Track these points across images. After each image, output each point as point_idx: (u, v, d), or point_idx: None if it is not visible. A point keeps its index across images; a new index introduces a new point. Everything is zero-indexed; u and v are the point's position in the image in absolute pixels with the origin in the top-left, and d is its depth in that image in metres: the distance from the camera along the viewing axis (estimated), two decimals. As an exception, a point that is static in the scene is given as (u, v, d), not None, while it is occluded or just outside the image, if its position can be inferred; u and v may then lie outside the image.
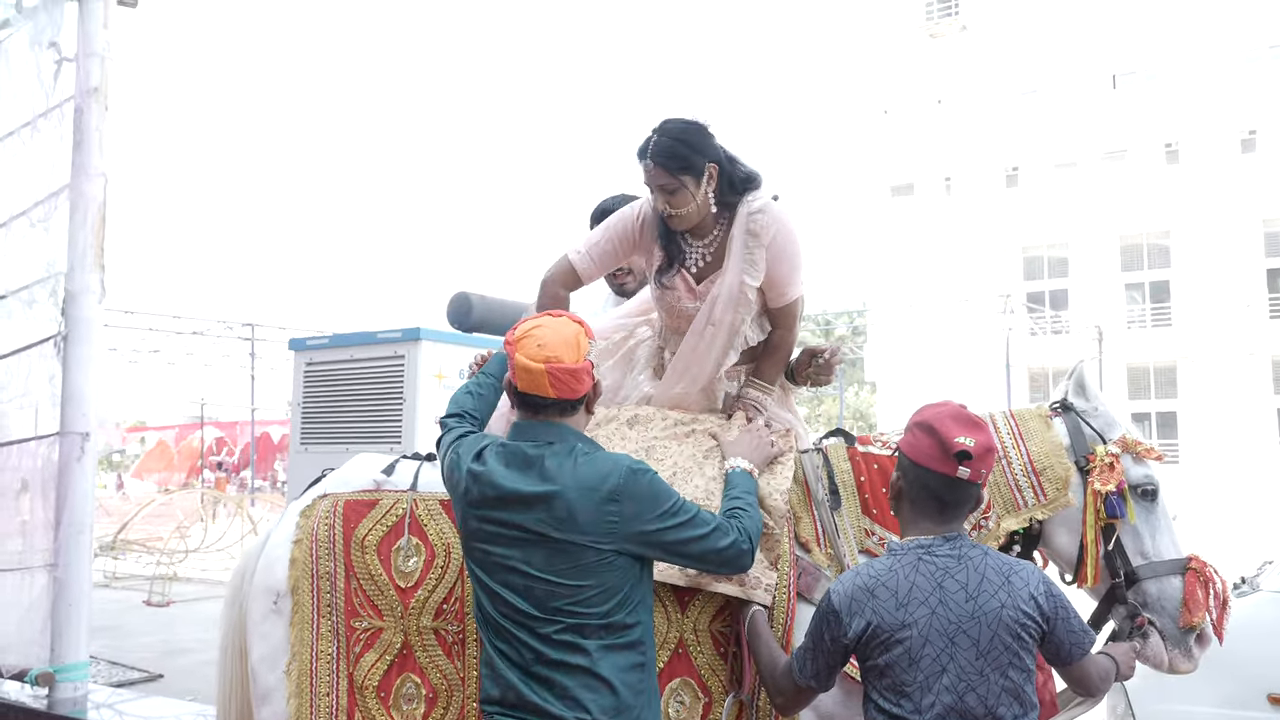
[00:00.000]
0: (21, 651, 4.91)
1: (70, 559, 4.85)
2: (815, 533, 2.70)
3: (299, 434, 6.61)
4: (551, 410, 2.30)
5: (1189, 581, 2.61)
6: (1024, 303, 30.49)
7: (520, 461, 2.26)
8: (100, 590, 13.37)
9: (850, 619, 2.16)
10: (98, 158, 5.01)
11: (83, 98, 5.01)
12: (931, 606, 2.13)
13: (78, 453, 4.87)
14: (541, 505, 2.20)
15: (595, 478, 2.21)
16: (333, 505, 2.82)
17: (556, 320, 2.35)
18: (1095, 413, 2.79)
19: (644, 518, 2.21)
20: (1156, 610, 2.63)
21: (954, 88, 32.88)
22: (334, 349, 6.57)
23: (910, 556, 2.20)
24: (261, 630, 2.78)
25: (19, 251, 5.05)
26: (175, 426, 43.54)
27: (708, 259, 2.87)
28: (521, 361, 2.26)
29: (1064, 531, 2.72)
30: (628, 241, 2.90)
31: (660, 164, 2.71)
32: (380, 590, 2.72)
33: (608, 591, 2.20)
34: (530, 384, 2.27)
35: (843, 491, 2.73)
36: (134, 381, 45.33)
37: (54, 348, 4.89)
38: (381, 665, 2.69)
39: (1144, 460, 2.72)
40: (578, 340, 2.30)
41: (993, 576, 2.16)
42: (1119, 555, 2.66)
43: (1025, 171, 31.95)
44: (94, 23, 5.07)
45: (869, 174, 34.32)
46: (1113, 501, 2.62)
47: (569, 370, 2.26)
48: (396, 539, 2.75)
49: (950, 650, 2.11)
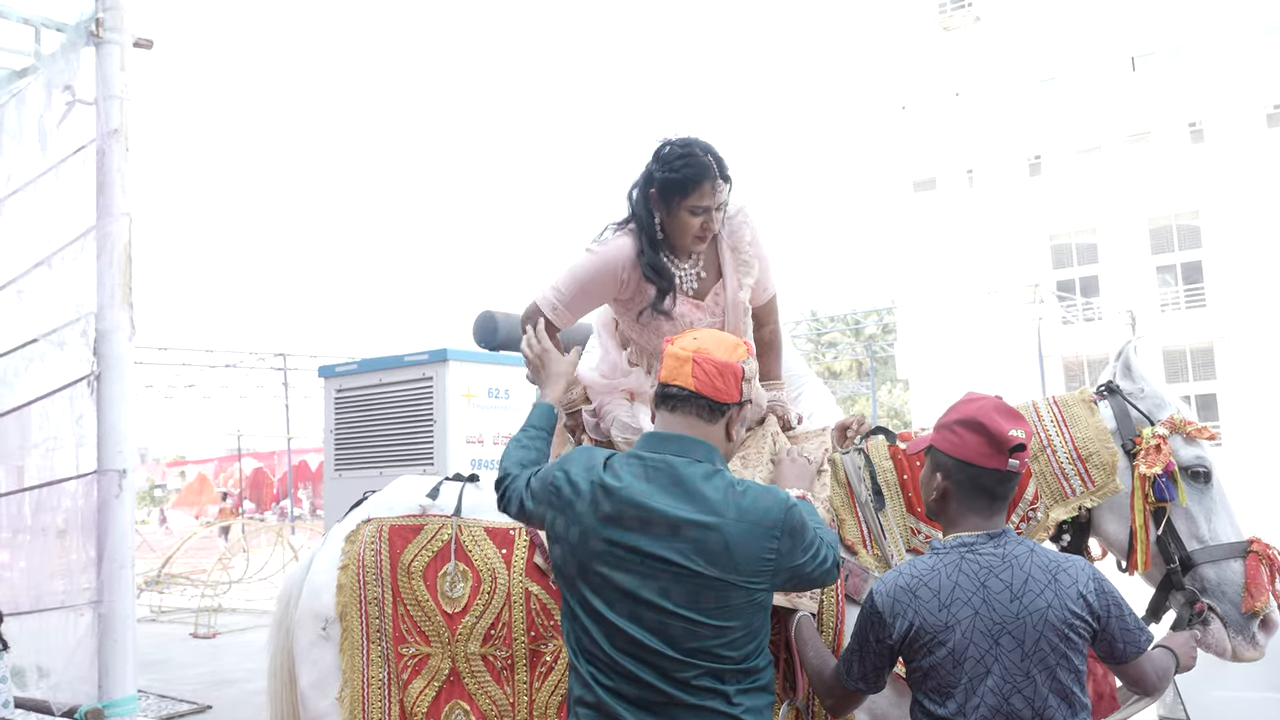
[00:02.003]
0: (71, 689, 4.96)
1: (113, 595, 4.89)
2: (861, 534, 2.67)
3: (332, 460, 6.65)
4: (688, 407, 2.13)
5: (1250, 565, 2.52)
6: (1054, 291, 30.21)
7: (666, 478, 2.08)
8: (147, 625, 13.54)
9: (893, 620, 2.13)
10: (121, 198, 5.07)
11: (104, 140, 5.06)
12: (975, 607, 2.08)
13: (116, 490, 4.92)
14: (693, 534, 2.02)
15: (758, 512, 2.05)
16: (378, 530, 2.83)
17: (719, 332, 2.31)
18: (1142, 394, 2.71)
19: (795, 553, 2.09)
20: (1217, 596, 2.55)
21: (971, 79, 32.69)
22: (363, 374, 6.62)
23: (953, 555, 2.15)
24: (311, 657, 2.79)
25: (48, 295, 5.11)
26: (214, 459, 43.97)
27: (701, 275, 2.87)
28: (671, 350, 2.16)
29: (1114, 518, 2.65)
30: (608, 290, 2.84)
31: (726, 179, 2.74)
32: (427, 616, 2.72)
33: (751, 634, 2.07)
34: (673, 372, 2.14)
35: (886, 491, 2.70)
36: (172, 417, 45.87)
37: (88, 387, 4.94)
38: (430, 692, 2.69)
39: (1195, 441, 2.64)
40: (735, 345, 2.20)
41: (1039, 575, 2.10)
42: (1172, 540, 2.58)
43: (1048, 159, 31.69)
44: (111, 66, 5.13)
45: (890, 170, 34.16)
46: (1161, 484, 2.54)
47: (716, 363, 2.12)
48: (443, 564, 2.74)
49: (995, 651, 2.06)
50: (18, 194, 5.36)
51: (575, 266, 2.82)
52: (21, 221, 5.25)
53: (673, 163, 2.72)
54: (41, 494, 5.13)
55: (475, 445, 6.27)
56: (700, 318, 2.85)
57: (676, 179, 2.70)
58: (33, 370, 5.16)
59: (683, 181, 2.70)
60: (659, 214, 2.77)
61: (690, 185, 2.70)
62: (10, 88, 5.49)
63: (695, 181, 2.70)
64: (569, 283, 2.82)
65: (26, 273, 5.30)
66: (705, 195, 2.71)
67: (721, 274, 2.87)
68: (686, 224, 2.74)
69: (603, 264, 2.79)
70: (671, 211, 2.74)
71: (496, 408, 6.34)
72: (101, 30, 5.11)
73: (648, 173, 2.78)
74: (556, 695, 2.62)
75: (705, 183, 2.70)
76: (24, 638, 5.20)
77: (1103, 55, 30.62)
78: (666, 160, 2.73)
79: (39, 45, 5.23)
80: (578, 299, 2.84)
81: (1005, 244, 31.08)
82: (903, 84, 33.86)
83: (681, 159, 2.71)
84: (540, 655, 2.66)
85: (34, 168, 5.25)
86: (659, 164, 2.75)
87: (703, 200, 2.71)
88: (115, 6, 5.18)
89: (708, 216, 2.74)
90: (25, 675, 5.24)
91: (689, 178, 2.70)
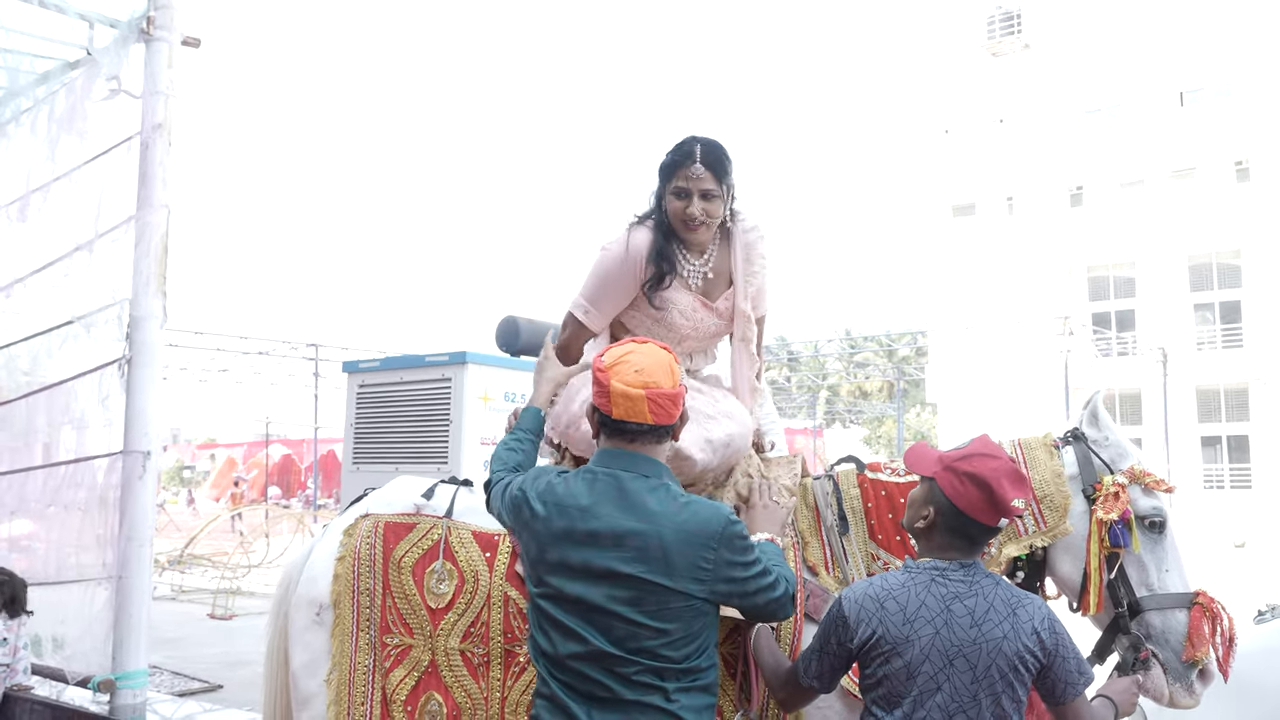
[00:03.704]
0: (85, 660, 5.14)
1: (131, 572, 5.06)
2: (824, 556, 2.79)
3: (351, 454, 6.82)
4: (647, 437, 2.28)
5: (1194, 616, 2.63)
6: (1089, 324, 29.99)
7: (615, 492, 2.24)
8: (167, 603, 13.80)
9: (857, 625, 2.25)
10: (161, 190, 5.25)
11: (148, 134, 5.25)
12: (936, 627, 2.20)
13: (139, 470, 5.09)
14: (635, 542, 2.18)
15: (696, 523, 2.20)
16: (374, 525, 2.98)
17: (645, 346, 2.35)
18: (1106, 442, 2.83)
19: (734, 566, 2.22)
20: (1160, 643, 2.65)
21: (1016, 106, 32.55)
22: (384, 371, 6.78)
23: (924, 576, 2.28)
24: (304, 640, 2.94)
25: (86, 279, 5.31)
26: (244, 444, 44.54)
27: (709, 276, 2.94)
28: (619, 388, 2.24)
29: (1068, 559, 2.76)
30: (629, 284, 2.90)
31: (710, 169, 2.80)
32: (413, 609, 2.86)
33: (690, 636, 2.21)
34: (629, 411, 2.25)
35: (851, 518, 2.82)
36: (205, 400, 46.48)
37: (118, 371, 5.13)
38: (410, 681, 2.83)
39: (1154, 492, 2.74)
40: (671, 366, 2.32)
41: (1000, 607, 2.23)
42: (1122, 585, 2.69)
43: (1090, 190, 31.49)
44: (159, 62, 5.31)
45: (930, 194, 34.06)
46: (1116, 531, 2.65)
47: (668, 395, 2.27)
48: (431, 562, 2.89)
49: (947, 671, 2.18)
50: (62, 180, 5.57)
51: (595, 266, 2.92)
52: (66, 207, 5.45)
53: (669, 150, 2.86)
54: (68, 470, 5.32)
55: (489, 447, 6.41)
56: (707, 317, 2.94)
57: (665, 162, 2.84)
58: (65, 350, 5.35)
59: (669, 164, 2.83)
60: (662, 199, 2.87)
61: (672, 167, 2.82)
62: (63, 78, 5.70)
63: (678, 164, 2.81)
64: (592, 283, 2.92)
65: (67, 255, 5.51)
66: (684, 177, 2.79)
67: (732, 281, 2.96)
68: (673, 207, 2.83)
69: (620, 258, 2.87)
70: (665, 195, 2.85)
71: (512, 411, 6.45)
72: (152, 28, 5.30)
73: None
74: (528, 694, 2.75)
75: (686, 164, 2.80)
76: (43, 608, 5.41)
77: (1151, 89, 30.40)
78: (668, 149, 2.87)
79: (92, 39, 5.42)
80: (603, 298, 2.91)
81: (1042, 273, 30.90)
82: (947, 108, 33.77)
83: (676, 144, 2.85)
84: (514, 655, 2.81)
85: (79, 156, 5.45)
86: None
87: (684, 182, 2.79)
88: (166, 5, 5.36)
89: (689, 201, 2.80)
90: (42, 644, 5.44)
91: (674, 160, 2.82)
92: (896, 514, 2.80)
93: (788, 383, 52.55)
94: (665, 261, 2.85)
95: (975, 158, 32.82)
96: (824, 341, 46.03)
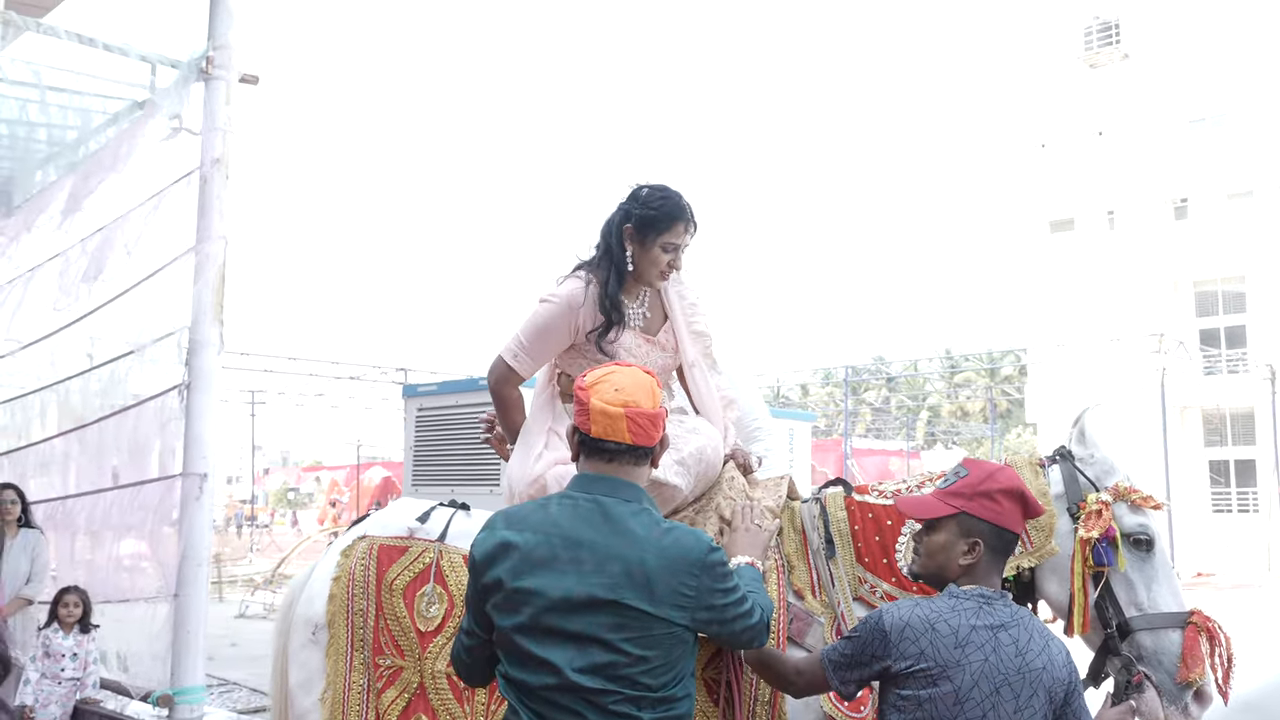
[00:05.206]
0: (147, 675, 5.36)
1: (189, 590, 5.25)
2: (810, 580, 2.77)
3: (410, 477, 6.95)
4: (625, 458, 2.26)
5: (1189, 635, 2.55)
6: (1196, 341, 28.88)
7: (597, 516, 2.20)
8: (258, 621, 14.23)
9: (901, 644, 2.22)
10: (219, 222, 5.47)
11: (206, 168, 5.49)
12: (986, 654, 2.18)
13: (196, 492, 5.29)
14: (617, 568, 2.14)
15: (678, 550, 2.17)
16: (369, 547, 3.05)
17: (627, 368, 2.35)
18: (1092, 460, 2.76)
19: (715, 594, 2.20)
20: (1153, 664, 2.58)
21: (1116, 118, 31.62)
22: (442, 395, 6.91)
23: (972, 603, 2.25)
24: (300, 658, 3.03)
25: (149, 309, 5.55)
26: (347, 466, 45.68)
27: (647, 315, 3.06)
28: (599, 406, 2.22)
29: (1055, 580, 2.71)
30: (564, 335, 3.00)
31: (696, 229, 3.00)
32: (404, 631, 2.92)
33: (669, 664, 2.17)
34: (608, 429, 2.22)
35: (838, 540, 2.79)
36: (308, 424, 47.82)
37: (178, 396, 5.35)
38: (400, 702, 2.89)
39: (1141, 509, 2.67)
40: (652, 389, 2.30)
41: (1038, 638, 2.24)
42: (1110, 605, 2.63)
43: (1195, 203, 30.38)
44: (218, 100, 5.55)
45: (1027, 210, 33.28)
46: (1100, 549, 2.59)
47: (648, 415, 2.24)
48: (422, 585, 2.94)
49: (994, 699, 2.16)
50: (131, 214, 5.85)
51: (534, 315, 3.01)
52: (130, 239, 5.72)
53: (651, 201, 2.94)
54: (133, 492, 5.56)
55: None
56: (652, 351, 3.04)
57: (655, 215, 2.93)
58: (131, 378, 5.60)
59: (661, 218, 2.93)
60: (632, 248, 2.96)
61: (666, 222, 2.93)
62: (131, 117, 6.00)
63: (672, 218, 2.93)
64: (529, 332, 3.02)
65: (135, 285, 5.77)
66: (678, 234, 2.94)
67: (667, 315, 3.11)
68: (656, 259, 2.95)
69: (558, 310, 2.98)
70: (646, 246, 2.94)
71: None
72: (211, 67, 5.55)
73: (624, 210, 2.99)
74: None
75: (680, 222, 2.94)
76: (108, 625, 5.65)
77: (1257, 95, 29.24)
78: (645, 200, 2.95)
79: (155, 80, 5.70)
80: (537, 348, 3.02)
81: (1146, 289, 29.89)
82: (1043, 122, 33.01)
83: (661, 198, 2.94)
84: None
85: (144, 190, 5.72)
86: (637, 203, 2.96)
87: (675, 238, 2.94)
88: (225, 45, 5.62)
89: (676, 255, 2.96)
90: (108, 659, 5.68)
91: (668, 213, 2.93)
92: (884, 537, 2.76)
93: (886, 404, 51.73)
94: (616, 311, 2.96)
95: (1073, 172, 31.96)
96: (923, 361, 45.18)
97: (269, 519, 46.89)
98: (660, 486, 2.71)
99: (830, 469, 25.67)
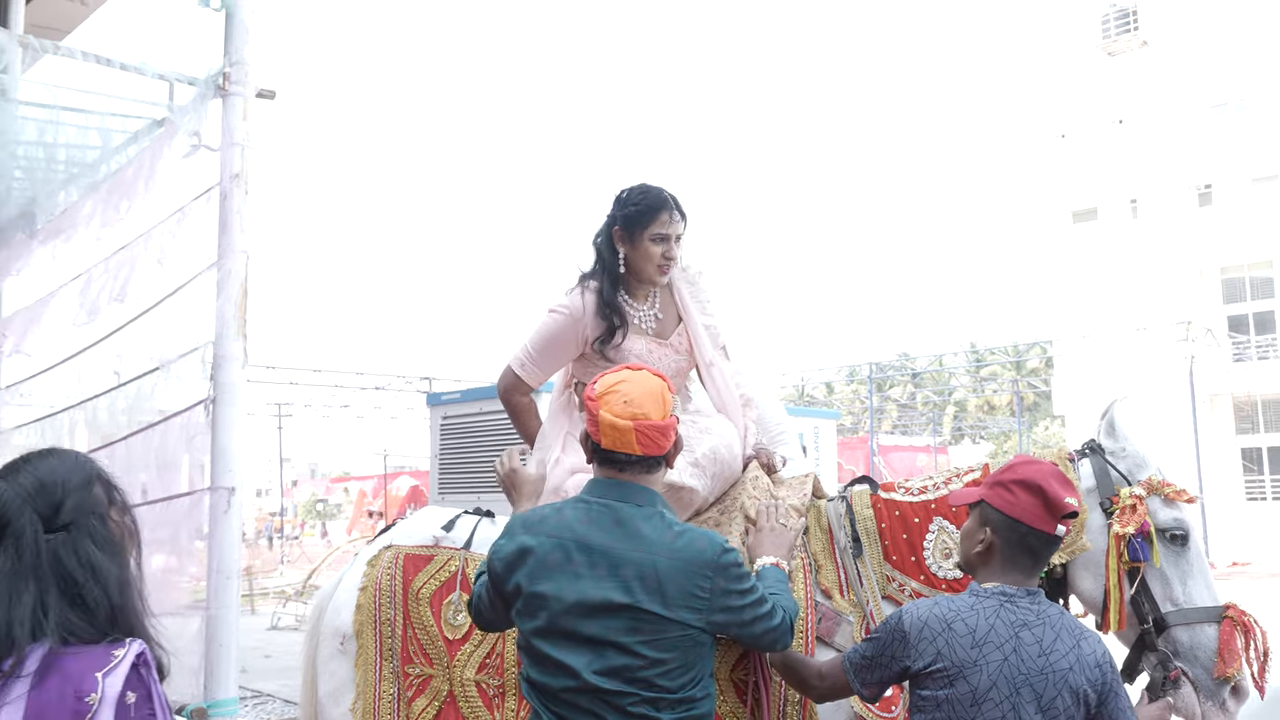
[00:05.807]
0: (180, 689, 5.38)
1: (220, 603, 5.28)
2: (838, 579, 2.74)
3: (436, 485, 6.97)
4: (636, 468, 2.27)
5: (1225, 630, 2.51)
6: (1224, 328, 28.57)
7: (610, 520, 2.23)
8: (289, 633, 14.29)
9: (919, 644, 2.20)
10: (240, 237, 5.51)
11: (226, 184, 5.52)
12: (1005, 654, 2.15)
13: (225, 506, 5.31)
14: (630, 571, 2.16)
15: (692, 551, 2.19)
16: (395, 557, 3.05)
17: (638, 374, 2.33)
18: (1123, 454, 2.72)
19: (731, 595, 2.20)
20: (1189, 659, 2.54)
21: (1136, 106, 31.36)
22: (465, 403, 6.92)
23: (993, 601, 2.23)
24: (329, 668, 3.04)
25: (172, 325, 5.59)
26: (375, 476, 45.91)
27: (659, 317, 3.07)
28: (607, 419, 2.23)
29: (1089, 576, 2.66)
30: (571, 346, 3.04)
31: (682, 214, 3.02)
32: (431, 640, 2.92)
33: (687, 666, 2.18)
34: (617, 441, 2.24)
35: (865, 539, 2.76)
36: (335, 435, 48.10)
37: (204, 411, 5.38)
38: (431, 711, 2.89)
39: (1174, 503, 2.62)
40: (663, 396, 2.30)
41: (1066, 637, 2.19)
42: (1146, 600, 2.58)
43: (1219, 189, 30.08)
44: (235, 116, 5.59)
45: (1048, 200, 33.06)
46: (1135, 544, 2.55)
47: (657, 427, 2.25)
48: (448, 593, 2.95)
49: (1014, 699, 2.12)
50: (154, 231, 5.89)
51: (541, 325, 3.06)
52: (154, 257, 5.76)
53: (632, 199, 2.98)
54: (160, 508, 5.59)
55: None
56: (665, 355, 3.05)
57: (637, 211, 2.97)
58: (157, 394, 5.64)
59: (644, 211, 2.96)
60: (623, 249, 3.00)
61: (650, 214, 2.96)
62: (151, 135, 6.04)
63: (655, 210, 2.96)
64: (536, 342, 3.07)
65: (159, 303, 5.82)
66: (664, 223, 2.96)
67: (681, 317, 3.11)
68: (649, 253, 2.98)
69: (565, 321, 3.02)
70: (636, 243, 2.98)
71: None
72: (228, 84, 5.59)
73: (610, 217, 3.04)
74: None
75: (663, 211, 2.97)
76: (142, 639, 5.67)
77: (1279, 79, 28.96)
78: (627, 200, 3.00)
79: (173, 98, 5.73)
80: (545, 356, 3.07)
81: (1171, 277, 29.62)
82: (1063, 110, 32.78)
83: (640, 194, 2.97)
84: None
85: (165, 208, 5.76)
86: (619, 205, 3.02)
87: (663, 228, 2.96)
88: (241, 61, 5.65)
89: (668, 245, 2.98)
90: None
91: (649, 207, 2.97)
92: (911, 534, 2.73)
93: (912, 399, 51.47)
94: (616, 314, 2.99)
95: (1094, 161, 31.73)
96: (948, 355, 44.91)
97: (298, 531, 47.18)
98: (677, 489, 2.72)
99: (858, 467, 25.57)
